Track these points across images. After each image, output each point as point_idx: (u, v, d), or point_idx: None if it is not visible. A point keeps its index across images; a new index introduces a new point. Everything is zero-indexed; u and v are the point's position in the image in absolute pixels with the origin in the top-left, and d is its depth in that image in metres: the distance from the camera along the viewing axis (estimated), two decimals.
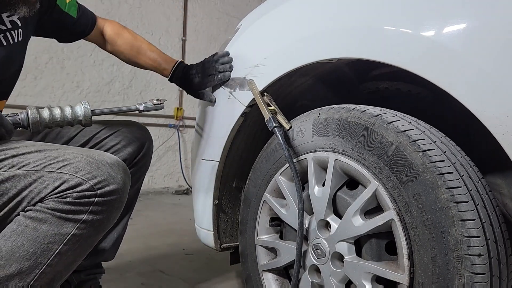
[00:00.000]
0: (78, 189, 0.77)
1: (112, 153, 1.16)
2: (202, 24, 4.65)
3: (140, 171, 1.26)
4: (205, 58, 1.24)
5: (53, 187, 0.77)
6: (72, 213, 0.76)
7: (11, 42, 1.02)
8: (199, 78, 1.21)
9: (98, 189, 0.77)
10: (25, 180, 0.77)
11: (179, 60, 1.29)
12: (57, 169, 0.78)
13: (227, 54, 1.19)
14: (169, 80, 1.29)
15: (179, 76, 1.27)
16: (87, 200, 0.77)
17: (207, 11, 4.69)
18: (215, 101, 1.20)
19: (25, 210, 0.78)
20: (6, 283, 0.75)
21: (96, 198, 0.77)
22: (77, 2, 1.26)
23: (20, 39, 1.06)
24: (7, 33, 1.02)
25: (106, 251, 1.25)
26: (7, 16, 1.03)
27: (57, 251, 0.76)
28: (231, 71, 1.16)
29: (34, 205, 0.77)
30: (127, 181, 0.84)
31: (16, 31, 1.05)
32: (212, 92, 1.22)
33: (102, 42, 1.36)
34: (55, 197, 0.77)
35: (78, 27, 1.26)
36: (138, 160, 1.23)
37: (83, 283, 1.22)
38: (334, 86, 1.19)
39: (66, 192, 0.76)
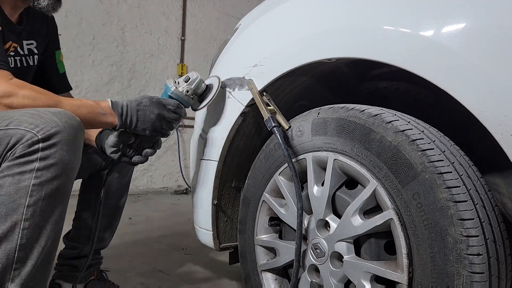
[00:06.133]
0: (23, 140, 0.79)
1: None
2: (201, 24, 4.65)
3: (129, 165, 1.30)
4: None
5: (5, 143, 0.80)
6: (23, 165, 0.79)
7: (25, 65, 1.19)
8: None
9: (41, 134, 0.80)
10: None
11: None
12: (4, 127, 0.81)
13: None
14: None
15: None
16: (33, 148, 0.79)
17: (206, 11, 4.69)
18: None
19: None
20: None
21: (40, 144, 0.80)
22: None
23: (35, 63, 1.24)
24: (23, 58, 1.19)
25: (106, 238, 1.39)
26: (27, 44, 1.21)
27: (25, 204, 0.79)
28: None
29: None
30: (74, 124, 0.85)
31: (32, 57, 1.22)
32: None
33: None
34: (8, 156, 0.80)
35: (55, 82, 1.36)
36: None
37: (89, 267, 1.37)
38: (333, 85, 1.19)
39: (15, 147, 0.80)
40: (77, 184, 1.36)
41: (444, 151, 0.74)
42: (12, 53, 1.16)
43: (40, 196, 0.80)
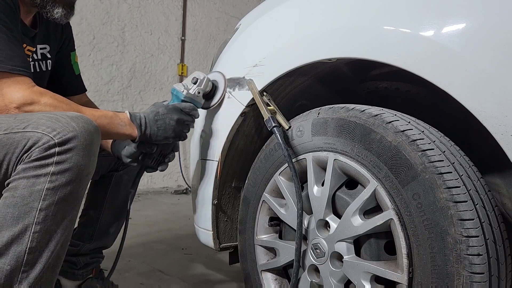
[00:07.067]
0: (39, 143, 0.80)
1: None
2: (201, 23, 4.65)
3: (139, 166, 1.31)
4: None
5: (22, 145, 0.80)
6: (38, 168, 0.79)
7: (38, 70, 1.20)
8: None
9: (57, 139, 0.80)
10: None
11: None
12: (22, 129, 0.82)
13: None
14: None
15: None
16: (49, 152, 0.79)
17: (206, 10, 4.69)
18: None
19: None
20: (6, 252, 0.77)
21: (57, 148, 0.80)
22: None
23: (49, 68, 1.25)
24: (36, 63, 1.20)
25: (108, 238, 1.40)
26: (40, 48, 1.21)
27: (38, 208, 0.79)
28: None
29: (15, 169, 0.82)
30: (91, 129, 0.85)
31: (44, 62, 1.23)
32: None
33: None
34: (25, 158, 0.80)
35: (70, 83, 1.37)
36: None
37: (88, 265, 1.37)
38: (333, 86, 1.19)
39: (31, 149, 0.80)
40: None
41: (444, 151, 0.74)
42: (28, 58, 1.16)
43: (53, 201, 0.80)
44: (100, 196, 1.36)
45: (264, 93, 1.07)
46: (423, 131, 0.78)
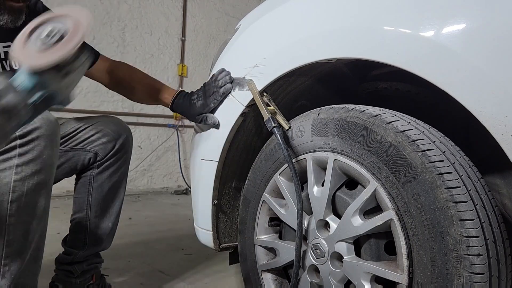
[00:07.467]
0: None
1: (86, 145, 1.25)
2: (202, 24, 4.65)
3: (119, 162, 1.33)
4: (205, 82, 1.21)
5: None
6: (2, 163, 0.80)
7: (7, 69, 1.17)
8: (202, 100, 1.19)
9: (18, 132, 0.80)
10: None
11: (180, 89, 1.30)
12: None
13: (223, 70, 1.17)
14: (170, 108, 1.28)
15: (180, 103, 1.26)
16: (10, 145, 0.80)
17: (206, 11, 4.69)
18: (218, 124, 1.16)
19: None
20: None
21: (18, 141, 0.81)
22: None
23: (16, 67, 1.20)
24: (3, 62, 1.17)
25: (103, 241, 1.35)
26: (3, 47, 1.16)
27: (9, 200, 0.80)
28: (231, 82, 1.13)
29: None
30: (52, 119, 0.86)
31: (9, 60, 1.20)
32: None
33: (104, 78, 1.48)
34: None
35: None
36: (116, 151, 1.30)
37: (85, 273, 1.32)
38: (333, 86, 1.19)
39: None
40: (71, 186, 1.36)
41: (445, 152, 0.74)
42: None
43: (22, 192, 0.81)
44: (83, 198, 1.31)
45: (264, 93, 1.07)
46: (423, 131, 0.78)
